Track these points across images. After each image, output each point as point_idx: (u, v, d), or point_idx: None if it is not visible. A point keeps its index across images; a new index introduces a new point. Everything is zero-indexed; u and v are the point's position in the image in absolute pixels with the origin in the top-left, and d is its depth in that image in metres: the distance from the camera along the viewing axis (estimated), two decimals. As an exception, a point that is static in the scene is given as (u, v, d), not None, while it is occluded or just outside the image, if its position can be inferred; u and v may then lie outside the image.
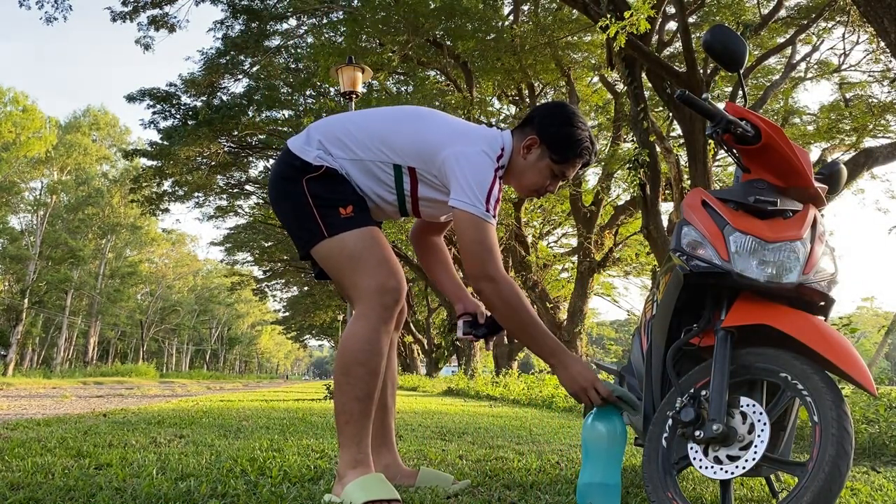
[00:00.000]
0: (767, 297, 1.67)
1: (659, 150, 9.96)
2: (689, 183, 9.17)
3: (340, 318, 35.24)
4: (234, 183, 23.35)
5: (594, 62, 14.22)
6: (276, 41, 16.70)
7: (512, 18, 14.31)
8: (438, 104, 14.36)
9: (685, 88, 3.32)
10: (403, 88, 17.51)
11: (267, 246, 29.69)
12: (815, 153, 13.01)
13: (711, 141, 5.75)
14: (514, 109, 16.95)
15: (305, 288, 37.61)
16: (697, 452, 1.62)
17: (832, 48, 19.98)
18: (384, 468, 2.09)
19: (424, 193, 1.99)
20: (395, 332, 2.15)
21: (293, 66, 17.99)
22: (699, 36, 10.53)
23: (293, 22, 16.08)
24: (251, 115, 18.54)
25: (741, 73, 1.97)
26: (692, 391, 1.68)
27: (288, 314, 49.40)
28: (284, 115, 19.21)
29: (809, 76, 13.88)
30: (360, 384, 1.80)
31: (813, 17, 11.38)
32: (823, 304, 1.71)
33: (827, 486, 1.39)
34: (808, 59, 13.17)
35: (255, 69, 17.59)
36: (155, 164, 20.55)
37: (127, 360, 47.67)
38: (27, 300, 31.72)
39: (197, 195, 23.11)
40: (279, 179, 1.97)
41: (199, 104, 18.29)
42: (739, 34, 2.58)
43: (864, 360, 1.56)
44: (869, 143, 12.65)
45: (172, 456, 2.56)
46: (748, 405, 1.61)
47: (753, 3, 12.03)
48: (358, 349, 1.81)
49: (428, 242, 2.32)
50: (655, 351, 1.96)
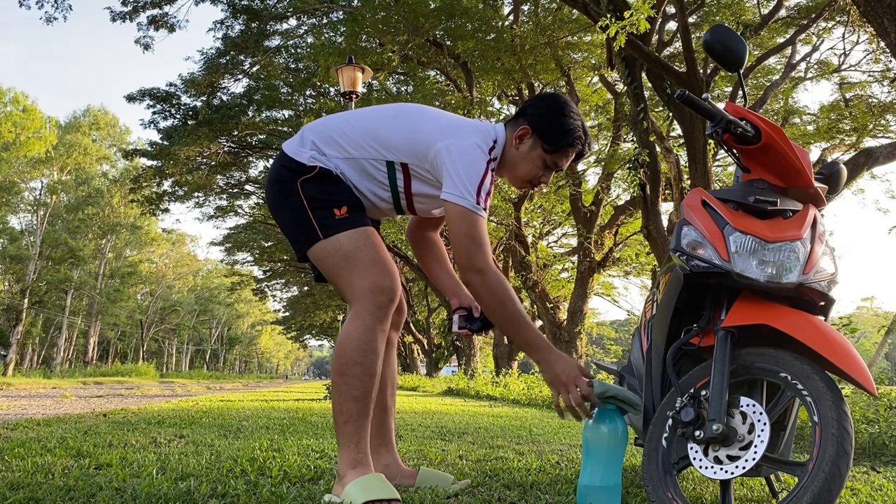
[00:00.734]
0: (767, 297, 1.67)
1: (659, 150, 9.95)
2: (689, 183, 9.16)
3: (340, 318, 35.21)
4: (234, 183, 23.36)
5: (594, 62, 14.22)
6: (276, 41, 16.70)
7: (512, 18, 14.30)
8: (438, 104, 14.34)
9: (685, 88, 3.32)
10: (403, 88, 17.52)
11: (267, 246, 29.67)
12: (815, 153, 13.01)
13: (711, 141, 5.76)
14: (514, 109, 16.94)
15: (305, 288, 37.61)
16: (697, 452, 1.62)
17: (832, 48, 20.03)
18: (384, 468, 2.09)
19: (418, 189, 1.99)
20: (394, 332, 2.15)
21: (293, 66, 17.99)
22: (699, 36, 10.53)
23: (293, 22, 16.08)
24: (251, 115, 18.55)
25: (741, 73, 1.97)
26: (692, 391, 1.68)
27: (288, 314, 49.41)
28: (284, 115, 19.21)
29: (809, 76, 13.88)
30: (356, 384, 1.81)
31: (813, 17, 11.38)
32: (823, 304, 1.71)
33: (827, 486, 1.39)
34: (808, 59, 13.18)
35: (255, 69, 17.60)
36: (155, 164, 20.56)
37: (127, 360, 47.67)
38: (27, 300, 31.73)
39: (197, 195, 23.12)
40: (275, 182, 1.97)
41: (199, 104, 18.30)
42: (739, 34, 2.58)
43: (864, 360, 1.56)
44: (869, 143, 12.65)
45: (172, 456, 2.56)
46: (748, 405, 1.61)
47: (753, 3, 12.03)
48: (353, 349, 1.81)
49: (424, 238, 2.33)
50: (655, 351, 1.96)
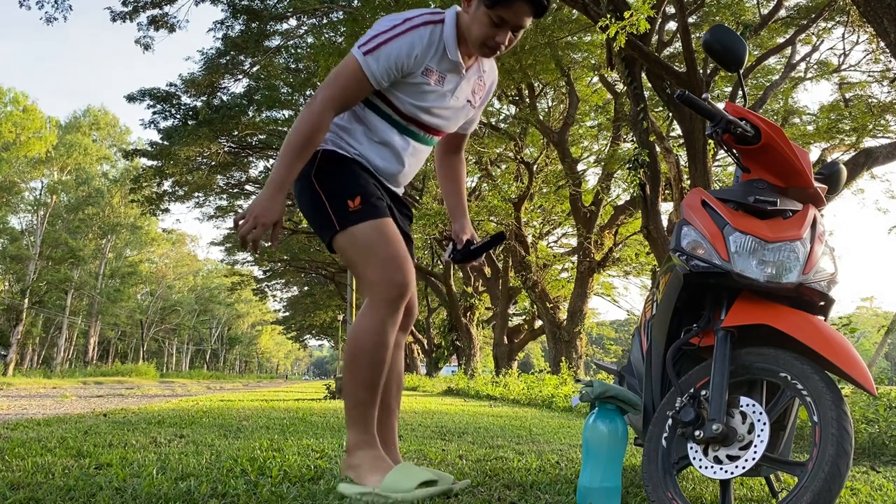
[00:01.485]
0: (767, 297, 1.67)
1: (659, 150, 9.95)
2: (689, 183, 9.16)
3: (340, 318, 35.22)
4: (234, 183, 23.38)
5: (594, 62, 14.20)
6: (276, 41, 16.71)
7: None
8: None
9: (685, 88, 3.32)
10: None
11: (267, 246, 29.66)
12: (815, 153, 13.00)
13: (711, 141, 5.76)
14: (514, 109, 16.93)
15: (305, 288, 37.65)
16: (697, 452, 1.62)
17: (832, 48, 19.98)
18: (385, 468, 2.10)
19: (403, 98, 1.99)
20: (402, 335, 2.17)
21: (293, 66, 17.99)
22: (699, 36, 10.53)
23: (293, 22, 16.08)
24: (251, 115, 18.56)
25: (741, 73, 1.97)
26: (692, 391, 1.68)
27: (288, 314, 49.45)
28: (284, 115, 19.23)
29: (809, 76, 13.87)
30: (365, 373, 1.92)
31: (813, 17, 11.37)
32: (823, 304, 1.71)
33: (827, 486, 1.39)
34: (807, 59, 13.16)
35: (255, 69, 17.60)
36: (155, 164, 20.57)
37: (127, 359, 47.67)
38: (27, 300, 31.72)
39: (197, 195, 23.14)
40: (296, 178, 2.02)
41: (199, 104, 18.31)
42: (739, 34, 2.58)
43: (863, 360, 1.56)
44: (869, 143, 12.63)
45: (172, 456, 2.56)
46: (748, 405, 1.61)
47: (753, 3, 12.02)
48: (364, 340, 1.91)
49: (449, 161, 2.38)
50: (655, 351, 1.96)
